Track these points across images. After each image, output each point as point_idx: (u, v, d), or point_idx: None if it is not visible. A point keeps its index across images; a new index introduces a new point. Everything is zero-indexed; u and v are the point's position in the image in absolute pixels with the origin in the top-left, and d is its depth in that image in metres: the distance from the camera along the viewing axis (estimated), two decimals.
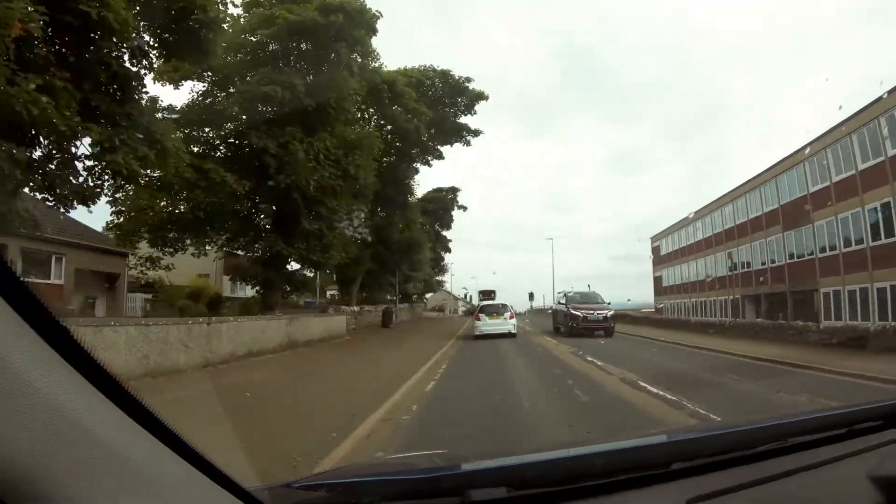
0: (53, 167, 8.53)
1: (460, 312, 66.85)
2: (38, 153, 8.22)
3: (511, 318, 18.96)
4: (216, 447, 0.97)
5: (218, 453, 0.81)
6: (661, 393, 6.47)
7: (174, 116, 13.56)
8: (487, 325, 18.41)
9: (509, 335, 17.99)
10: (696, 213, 34.91)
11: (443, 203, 38.07)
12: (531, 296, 58.93)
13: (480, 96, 26.42)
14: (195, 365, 8.45)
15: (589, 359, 10.68)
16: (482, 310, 19.69)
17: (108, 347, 6.66)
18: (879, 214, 19.06)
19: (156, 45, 10.01)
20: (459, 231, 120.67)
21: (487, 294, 36.96)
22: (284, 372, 9.20)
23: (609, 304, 19.19)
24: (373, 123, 22.49)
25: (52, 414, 0.54)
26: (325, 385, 7.86)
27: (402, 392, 6.85)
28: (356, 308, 22.16)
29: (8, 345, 0.53)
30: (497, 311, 19.22)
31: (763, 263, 27.31)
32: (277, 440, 4.27)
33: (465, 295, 71.26)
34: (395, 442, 4.45)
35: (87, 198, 9.23)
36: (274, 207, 14.72)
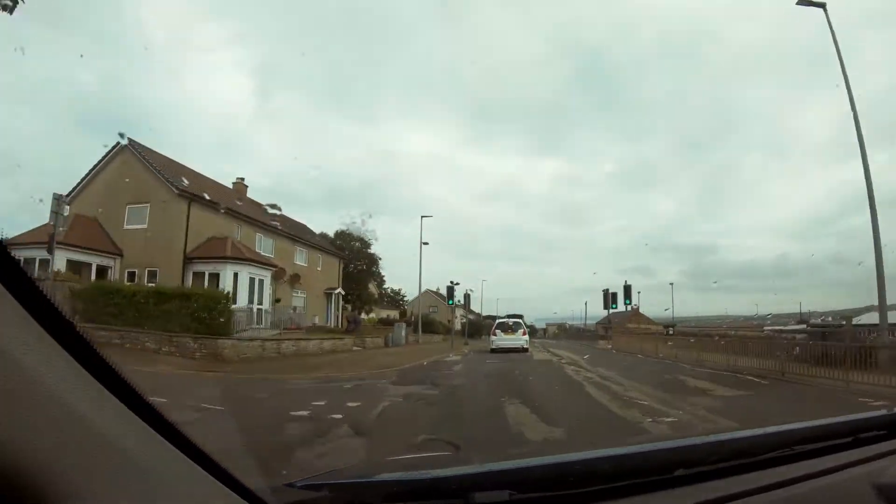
0: None
1: (458, 326, 42.30)
2: None
3: (524, 334, 20.84)
4: None
5: None
6: None
7: None
8: (502, 340, 20.16)
9: (522, 350, 19.40)
10: None
11: None
12: (623, 294, 24.72)
13: None
14: None
15: None
16: (498, 326, 21.44)
17: None
18: None
19: None
20: (465, 244, 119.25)
21: (510, 317, 34.38)
22: None
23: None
24: None
25: (56, 410, 0.54)
26: None
27: None
28: None
29: (13, 340, 0.52)
30: (511, 328, 20.94)
31: None
32: None
33: (451, 287, 35.70)
34: None
35: None
36: None
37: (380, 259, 36.53)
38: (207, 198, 19.23)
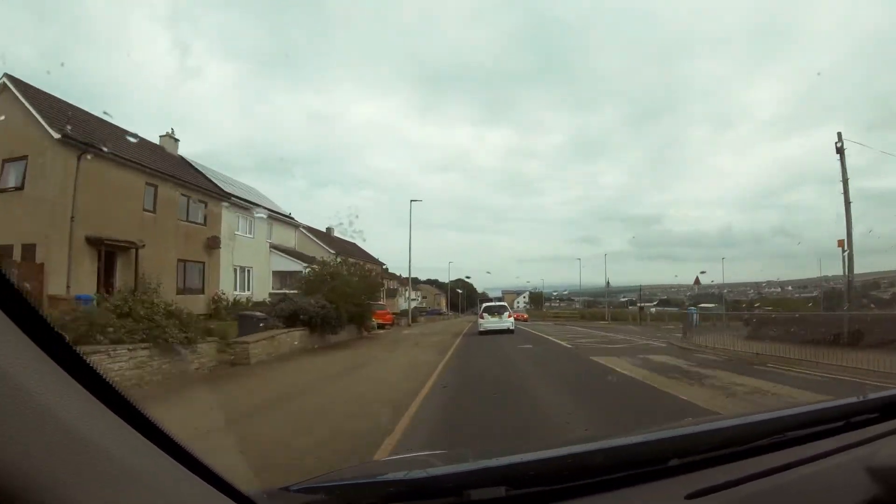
0: None
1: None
2: None
3: (510, 317, 22.79)
4: None
5: None
6: None
7: None
8: (490, 322, 22.05)
9: (508, 331, 21.35)
10: None
11: None
12: None
13: None
14: None
15: None
16: (486, 310, 23.48)
17: None
18: None
19: None
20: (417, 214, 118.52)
21: (489, 299, 38.94)
22: None
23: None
24: None
25: (47, 420, 0.54)
26: None
27: None
28: None
29: (4, 353, 0.53)
30: (498, 311, 23.09)
31: None
32: None
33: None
34: None
35: None
36: None
37: None
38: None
